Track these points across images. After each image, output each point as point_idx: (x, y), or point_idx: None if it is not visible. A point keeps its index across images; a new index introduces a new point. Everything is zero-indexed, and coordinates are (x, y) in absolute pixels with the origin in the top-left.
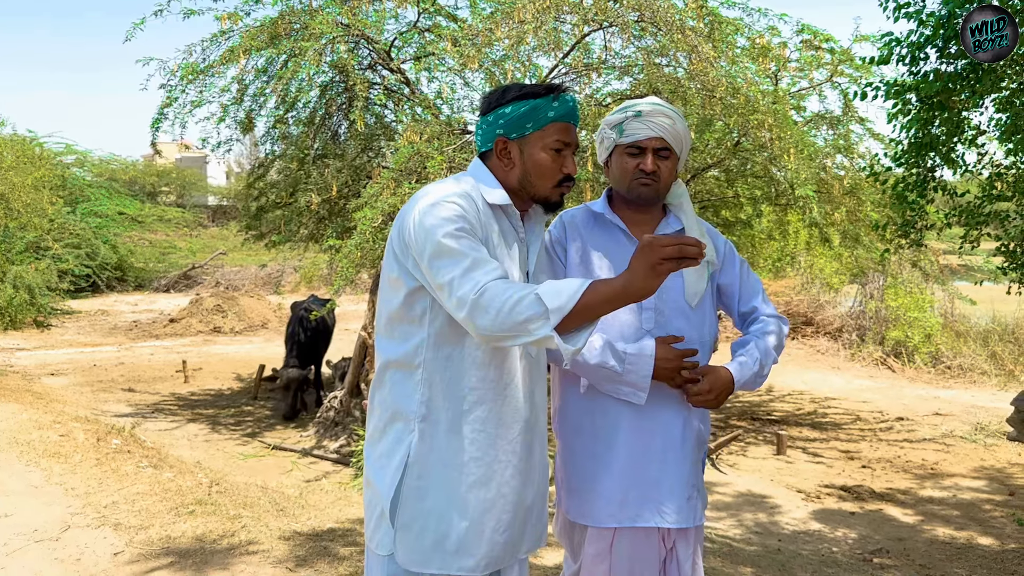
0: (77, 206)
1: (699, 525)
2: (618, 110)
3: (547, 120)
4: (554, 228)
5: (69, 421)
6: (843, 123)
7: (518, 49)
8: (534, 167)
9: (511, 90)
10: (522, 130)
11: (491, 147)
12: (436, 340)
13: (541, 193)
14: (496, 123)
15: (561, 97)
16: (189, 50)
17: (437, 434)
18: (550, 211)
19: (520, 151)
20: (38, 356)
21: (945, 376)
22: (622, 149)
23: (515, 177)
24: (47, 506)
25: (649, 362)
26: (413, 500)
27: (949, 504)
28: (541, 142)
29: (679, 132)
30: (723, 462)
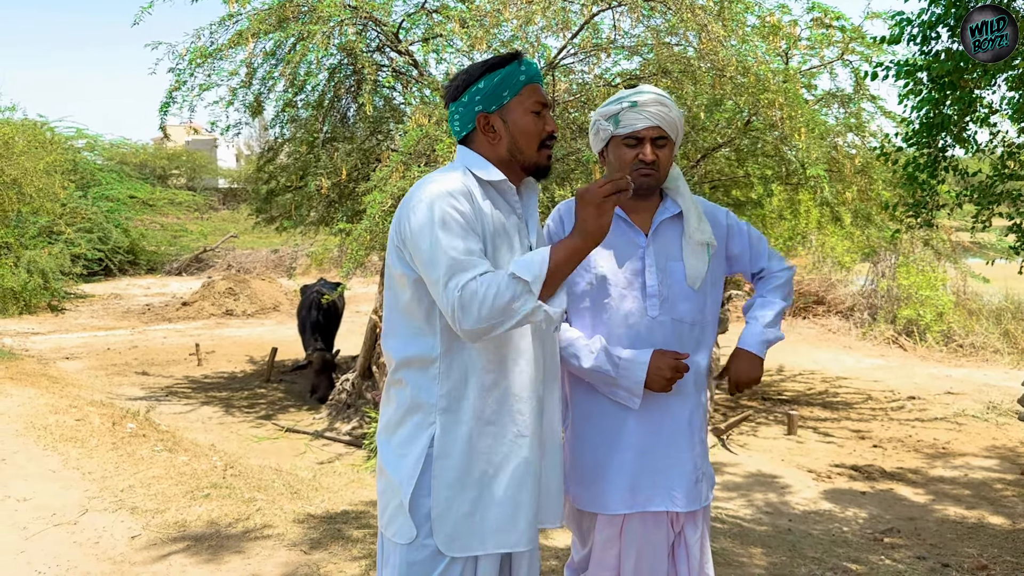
0: (88, 190)
1: (706, 506)
2: (612, 100)
3: (521, 84)
4: (552, 221)
5: (85, 405)
6: (855, 101)
7: (526, 29)
8: (520, 132)
9: (474, 68)
10: (500, 100)
11: (472, 127)
12: (449, 329)
13: (530, 158)
14: (472, 101)
15: (525, 60)
16: (197, 34)
17: (460, 423)
18: (541, 177)
19: (503, 121)
20: (53, 340)
21: (957, 355)
22: (619, 140)
23: (504, 148)
24: (65, 490)
25: (642, 369)
26: (446, 489)
27: (960, 483)
28: (521, 107)
29: (674, 119)
30: (734, 442)
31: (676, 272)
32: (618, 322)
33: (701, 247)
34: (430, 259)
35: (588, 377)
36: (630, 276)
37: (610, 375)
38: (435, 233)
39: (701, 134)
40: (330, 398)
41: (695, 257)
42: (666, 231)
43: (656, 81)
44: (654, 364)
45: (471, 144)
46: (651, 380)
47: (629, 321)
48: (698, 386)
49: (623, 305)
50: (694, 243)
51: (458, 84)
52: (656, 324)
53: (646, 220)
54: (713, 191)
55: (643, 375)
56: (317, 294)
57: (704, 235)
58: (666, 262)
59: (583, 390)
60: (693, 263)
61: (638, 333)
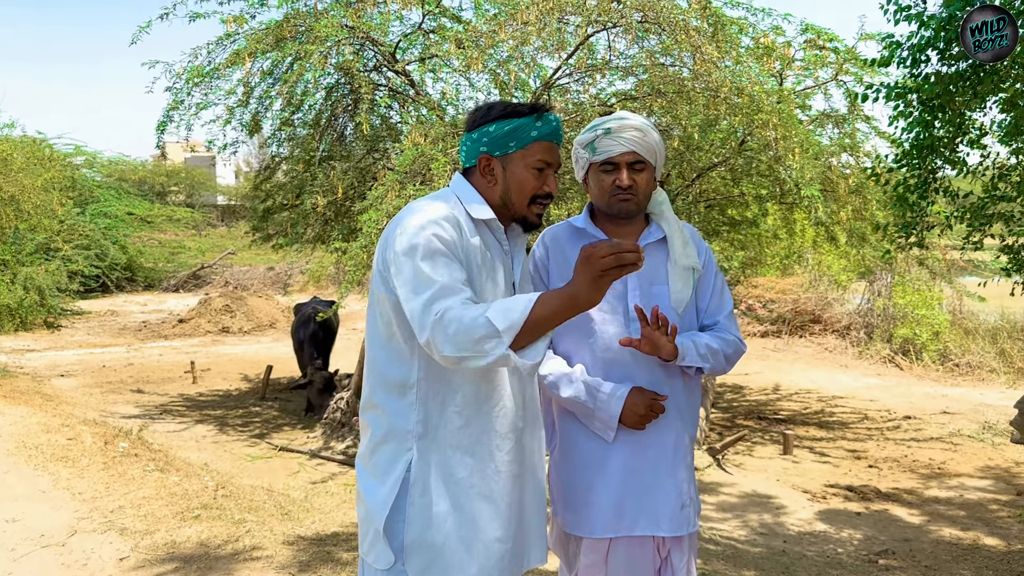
0: (87, 207)
1: (693, 532)
2: (587, 129)
3: (530, 139)
4: (537, 247)
5: (77, 424)
6: (849, 122)
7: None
8: (515, 185)
9: (496, 108)
10: (505, 148)
11: (475, 163)
12: (428, 356)
13: (519, 211)
14: (480, 140)
15: (544, 117)
16: (195, 53)
17: (436, 451)
18: (528, 230)
19: (503, 168)
20: (48, 357)
21: (953, 374)
22: (597, 167)
23: (497, 193)
24: (54, 511)
25: (619, 404)
26: (419, 518)
27: (955, 504)
28: (523, 161)
29: (651, 143)
30: (729, 462)
31: (660, 296)
32: (601, 345)
33: (687, 271)
34: (413, 284)
35: (568, 406)
36: (613, 300)
37: (588, 407)
38: (419, 259)
39: (696, 154)
40: (324, 417)
41: (681, 281)
42: (651, 255)
43: (651, 102)
44: (630, 401)
45: (471, 177)
46: (625, 416)
47: (613, 344)
48: (683, 411)
49: (607, 329)
50: (679, 267)
51: (475, 118)
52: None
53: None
54: (709, 210)
55: (618, 410)
56: (313, 312)
57: (689, 260)
58: (650, 286)
59: (569, 414)
60: (679, 287)
61: (621, 356)
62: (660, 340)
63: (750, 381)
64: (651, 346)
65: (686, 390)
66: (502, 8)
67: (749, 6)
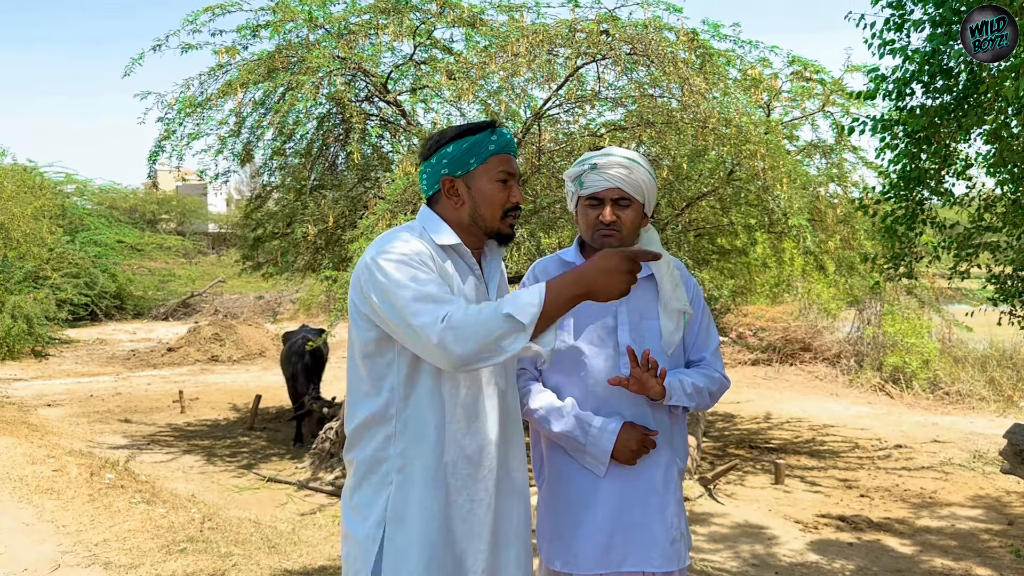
0: (77, 235)
1: (683, 567)
2: (577, 163)
3: (488, 153)
4: (527, 281)
5: (63, 455)
6: (836, 152)
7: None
8: (483, 200)
9: (448, 131)
10: (466, 166)
11: (438, 188)
12: (405, 389)
13: (491, 225)
14: (440, 164)
15: (498, 131)
16: (187, 84)
17: (415, 483)
18: (503, 243)
19: (467, 187)
20: (35, 386)
21: (944, 402)
22: (584, 201)
23: (466, 213)
24: (38, 544)
25: (611, 440)
26: (397, 554)
27: (947, 534)
28: (486, 175)
29: (638, 180)
30: (721, 492)
31: (649, 330)
32: (591, 379)
33: (677, 314)
34: (406, 306)
35: (558, 440)
36: (603, 334)
37: (579, 441)
38: (406, 283)
39: (685, 183)
40: (313, 447)
41: (672, 323)
42: (640, 290)
43: (640, 132)
44: (623, 436)
45: (436, 205)
46: (618, 451)
47: (603, 378)
48: (672, 444)
49: (596, 363)
50: (670, 310)
51: (430, 145)
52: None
53: None
54: (698, 239)
55: (611, 446)
56: (303, 340)
57: (680, 303)
58: (639, 320)
59: (558, 448)
60: (670, 330)
61: (611, 390)
62: (649, 381)
63: (741, 410)
64: (640, 386)
65: (674, 423)
66: (492, 40)
67: (736, 38)
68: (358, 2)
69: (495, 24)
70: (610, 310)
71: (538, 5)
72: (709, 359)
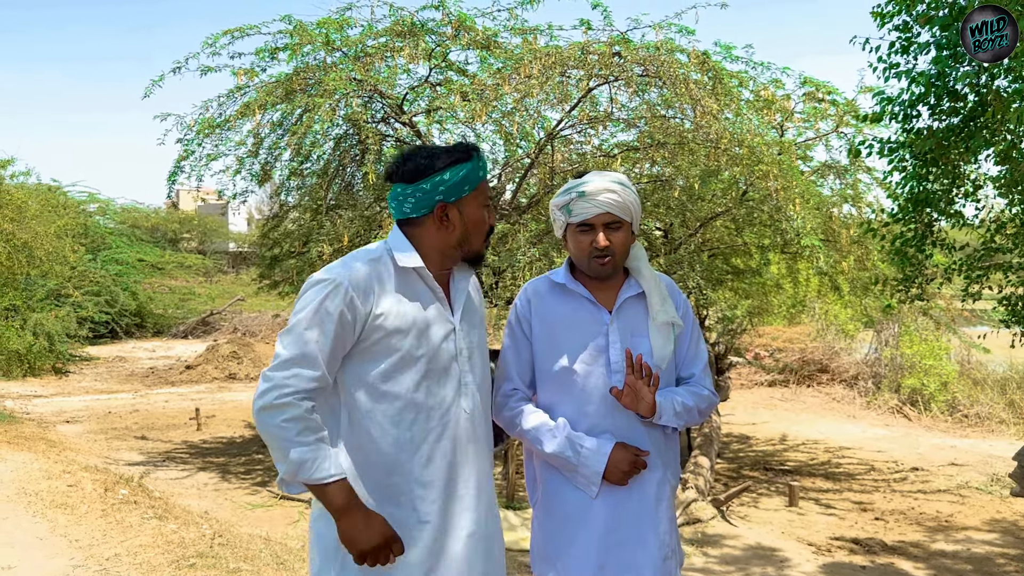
0: (99, 254)
1: None
2: (563, 191)
3: (479, 180)
4: (519, 302)
5: (79, 471)
6: (850, 173)
7: (526, 102)
8: (474, 225)
9: (440, 155)
10: (460, 192)
11: (426, 212)
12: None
13: (476, 248)
14: (435, 190)
15: (481, 156)
16: (206, 105)
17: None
18: (477, 265)
19: (459, 212)
20: (55, 403)
21: (962, 425)
22: (574, 228)
23: (455, 238)
24: (50, 558)
25: (602, 461)
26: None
27: (962, 558)
28: (476, 200)
29: (626, 202)
30: (734, 514)
31: (641, 348)
32: (584, 398)
33: (666, 327)
34: (285, 330)
35: (551, 461)
36: (595, 352)
37: (571, 462)
38: (305, 314)
39: (698, 203)
40: None
41: (661, 337)
42: (630, 308)
43: (652, 153)
44: (614, 457)
45: (415, 226)
46: (609, 472)
47: (595, 396)
48: (664, 462)
49: (589, 381)
50: (659, 323)
51: (417, 168)
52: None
53: (610, 298)
54: (712, 259)
55: (602, 467)
56: None
57: (668, 315)
58: (631, 338)
59: (552, 468)
60: (660, 344)
61: (604, 408)
62: (642, 391)
63: (757, 431)
64: (633, 398)
65: (666, 440)
66: (506, 62)
67: (748, 60)
68: (374, 25)
69: (509, 47)
70: (601, 329)
71: (551, 28)
72: (698, 375)
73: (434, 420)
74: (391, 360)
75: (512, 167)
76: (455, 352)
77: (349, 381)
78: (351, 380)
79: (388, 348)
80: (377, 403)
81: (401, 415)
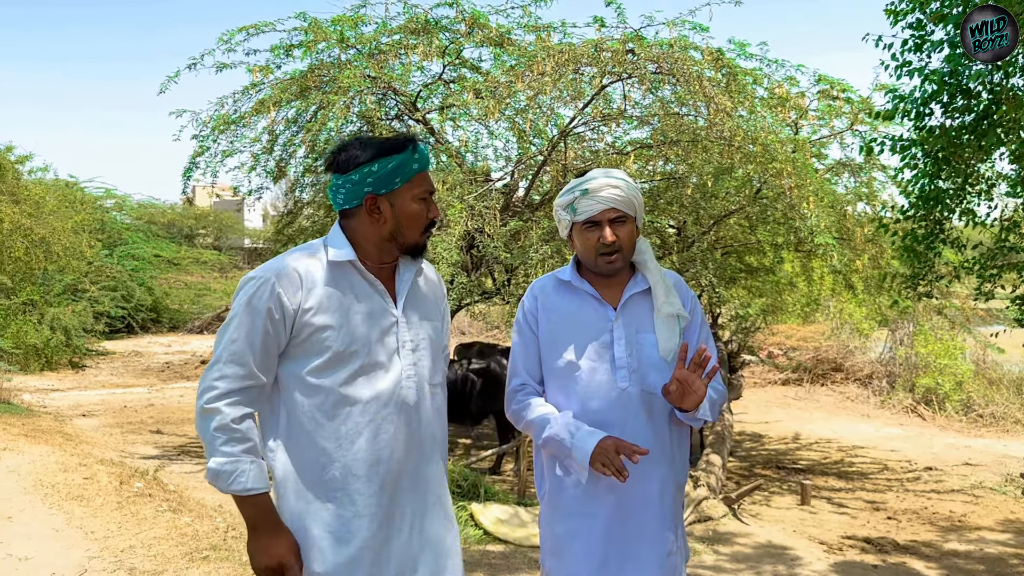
0: (115, 249)
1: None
2: (566, 191)
3: (412, 172)
4: (526, 300)
5: (94, 464)
6: (865, 171)
7: (539, 100)
8: (406, 218)
9: (369, 146)
10: (391, 185)
11: (357, 204)
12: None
13: (411, 240)
14: (364, 181)
15: (419, 148)
16: (221, 102)
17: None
18: (418, 256)
19: (391, 205)
20: (71, 397)
21: (977, 425)
22: (580, 226)
23: (387, 230)
24: (66, 550)
25: (593, 442)
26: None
27: (974, 558)
28: (410, 193)
29: (628, 197)
30: (745, 512)
31: (646, 344)
32: (590, 394)
33: (671, 319)
34: (220, 330)
35: (550, 448)
36: (600, 349)
37: (565, 445)
38: (233, 313)
39: (711, 201)
40: None
41: (667, 330)
42: (636, 304)
43: (666, 150)
44: (601, 444)
45: (351, 218)
46: (595, 456)
47: (600, 393)
48: (671, 460)
49: (594, 378)
50: (664, 315)
51: (349, 158)
52: (627, 396)
53: (616, 294)
54: (726, 257)
55: (591, 448)
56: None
57: (673, 307)
58: (636, 334)
59: (554, 462)
60: (665, 336)
61: (610, 404)
62: (695, 384)
63: (770, 430)
64: (681, 391)
65: (675, 438)
66: (520, 59)
67: (763, 57)
68: (388, 23)
69: (522, 44)
70: (606, 326)
71: (564, 25)
72: None
73: (369, 414)
74: (323, 355)
75: (525, 164)
76: (397, 345)
77: (286, 378)
78: (287, 377)
79: (319, 343)
80: (311, 398)
81: (335, 409)
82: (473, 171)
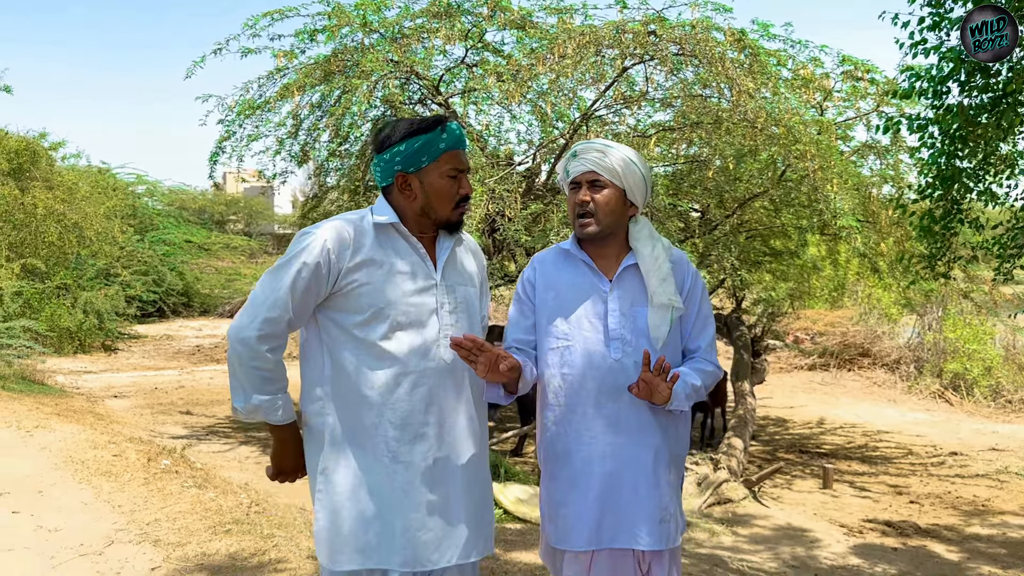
0: (146, 234)
1: (674, 547)
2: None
3: (439, 152)
4: (527, 270)
5: (123, 441)
6: (891, 153)
7: (561, 82)
8: (434, 194)
9: (400, 127)
10: (419, 163)
11: (392, 182)
12: (332, 352)
13: (443, 216)
14: (393, 160)
15: (448, 127)
16: (246, 87)
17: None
18: (453, 232)
19: (420, 182)
20: (104, 379)
21: (1006, 410)
22: (567, 187)
23: (418, 206)
24: (94, 522)
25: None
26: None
27: (996, 542)
28: (437, 171)
29: (611, 163)
30: (766, 495)
31: (640, 317)
32: (583, 364)
33: (664, 309)
34: (267, 271)
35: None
36: (594, 319)
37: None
38: (284, 260)
39: (735, 184)
40: None
41: (659, 316)
42: (631, 277)
43: (688, 132)
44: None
45: (390, 194)
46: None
47: (593, 363)
48: (665, 426)
49: (588, 347)
50: (656, 304)
51: (382, 139)
52: (619, 366)
53: (611, 265)
54: (750, 240)
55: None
56: None
57: (666, 297)
58: (630, 306)
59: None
60: (656, 322)
61: (602, 375)
62: (659, 387)
63: (794, 414)
64: (647, 392)
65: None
66: (541, 42)
67: (786, 38)
68: (411, 7)
69: (544, 26)
70: (601, 296)
71: (586, 7)
72: (704, 349)
73: (409, 367)
74: (365, 312)
75: (547, 148)
76: (436, 306)
77: (331, 326)
78: (332, 325)
79: (360, 297)
80: (354, 348)
81: (377, 361)
82: (496, 155)
